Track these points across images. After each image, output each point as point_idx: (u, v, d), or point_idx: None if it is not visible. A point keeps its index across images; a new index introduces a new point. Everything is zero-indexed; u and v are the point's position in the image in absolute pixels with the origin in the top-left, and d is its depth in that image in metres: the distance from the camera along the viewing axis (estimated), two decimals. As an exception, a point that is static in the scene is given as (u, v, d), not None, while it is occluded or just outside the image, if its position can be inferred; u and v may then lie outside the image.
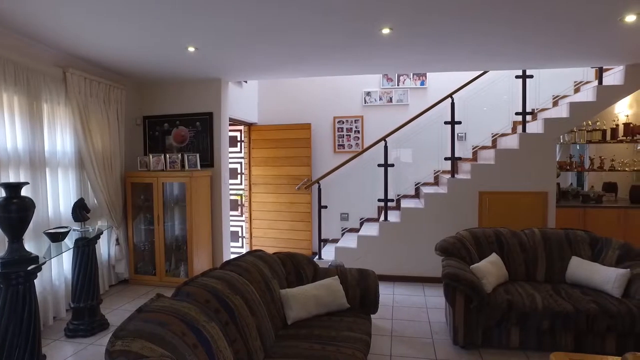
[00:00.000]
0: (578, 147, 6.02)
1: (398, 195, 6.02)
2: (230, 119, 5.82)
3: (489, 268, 3.53)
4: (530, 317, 3.20)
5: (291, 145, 6.58)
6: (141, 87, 5.47)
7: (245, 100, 6.36)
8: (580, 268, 3.61)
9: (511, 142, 5.21)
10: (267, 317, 2.56)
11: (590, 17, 3.19)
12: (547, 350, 3.16)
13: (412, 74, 6.28)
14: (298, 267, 3.23)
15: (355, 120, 6.49)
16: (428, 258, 4.75)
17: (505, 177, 4.92)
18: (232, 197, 6.93)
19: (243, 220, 7.06)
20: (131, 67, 4.64)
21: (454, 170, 5.23)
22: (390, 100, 6.37)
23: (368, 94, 6.43)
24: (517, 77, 5.16)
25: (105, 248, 4.83)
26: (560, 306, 3.19)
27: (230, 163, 6.57)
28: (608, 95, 4.83)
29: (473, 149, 5.98)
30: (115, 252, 4.86)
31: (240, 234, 7.11)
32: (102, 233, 4.03)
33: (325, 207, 5.54)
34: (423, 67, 4.99)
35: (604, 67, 5.03)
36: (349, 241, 5.52)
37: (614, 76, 4.94)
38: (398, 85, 6.35)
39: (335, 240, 6.03)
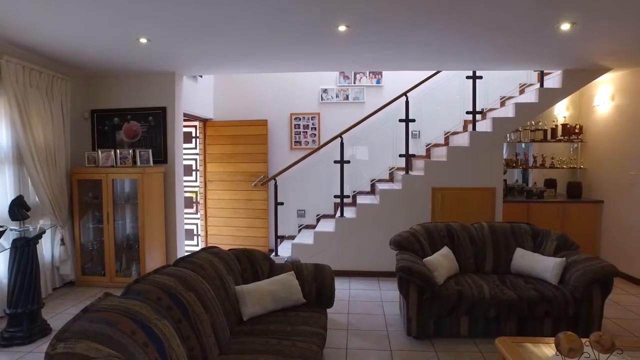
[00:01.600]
0: (523, 146, 6.36)
1: (354, 192, 6.11)
2: (185, 115, 5.67)
3: (441, 261, 3.66)
4: (479, 306, 3.36)
5: (247, 141, 6.51)
6: (89, 79, 5.21)
7: (200, 95, 6.22)
8: (524, 258, 3.83)
9: (462, 140, 5.43)
10: (222, 313, 2.53)
11: (531, 24, 3.38)
12: (493, 337, 3.28)
13: (368, 72, 6.39)
14: (254, 263, 3.21)
15: (312, 117, 6.51)
16: (383, 253, 4.85)
17: (456, 173, 5.12)
18: (187, 195, 6.75)
19: (198, 218, 6.91)
20: (77, 58, 4.40)
21: (408, 167, 5.37)
22: (347, 97, 6.44)
23: (325, 91, 6.48)
24: (467, 77, 5.38)
25: (48, 248, 4.56)
26: (505, 295, 3.37)
27: (185, 159, 6.40)
28: (548, 97, 5.13)
29: (427, 146, 6.17)
30: (59, 253, 4.60)
31: (195, 232, 6.95)
32: (44, 232, 3.81)
33: (282, 203, 5.53)
34: (379, 65, 5.10)
35: (545, 71, 5.34)
36: (306, 237, 5.54)
37: (554, 80, 5.26)
38: (354, 83, 6.43)
39: (292, 237, 6.03)
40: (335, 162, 5.42)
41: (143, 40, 3.73)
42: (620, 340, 2.40)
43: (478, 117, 5.56)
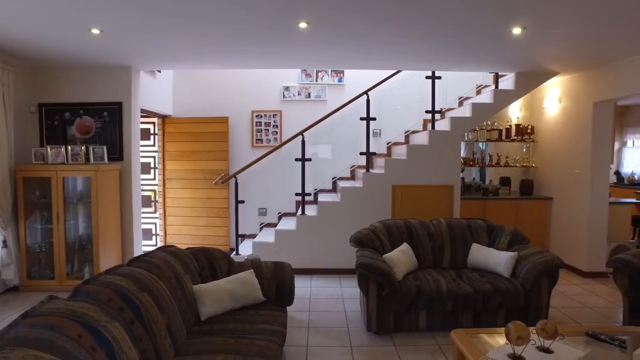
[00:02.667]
0: (482, 145, 6.58)
1: (315, 190, 6.12)
2: (143, 111, 5.49)
3: (400, 257, 3.72)
4: (437, 301, 3.44)
5: (208, 139, 6.37)
6: (37, 70, 4.92)
7: (158, 91, 6.03)
8: (479, 253, 3.96)
9: (422, 138, 5.55)
10: (179, 313, 2.46)
11: (485, 27, 3.49)
12: (450, 330, 3.35)
13: (330, 71, 6.41)
14: (212, 262, 3.14)
15: (273, 115, 6.46)
16: (344, 250, 4.89)
17: (416, 171, 5.23)
18: (145, 193, 6.54)
19: (157, 217, 6.70)
20: (21, 47, 4.12)
21: (369, 165, 5.44)
22: (309, 95, 6.44)
23: (287, 88, 6.44)
24: (427, 77, 5.50)
25: (-10, 251, 4.29)
26: (462, 289, 3.47)
27: (143, 157, 6.18)
28: (503, 98, 5.34)
29: (387, 144, 6.26)
30: (1, 256, 4.33)
31: (154, 232, 6.74)
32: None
33: (243, 202, 5.46)
34: (340, 63, 5.12)
35: (500, 73, 5.55)
36: (267, 236, 5.49)
37: (508, 81, 5.48)
38: (317, 81, 6.44)
39: (253, 236, 5.97)
40: (297, 160, 5.41)
41: (95, 31, 3.57)
42: (563, 327, 2.54)
43: (437, 116, 5.70)
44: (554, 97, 5.82)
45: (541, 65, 4.89)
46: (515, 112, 6.53)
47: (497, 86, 5.50)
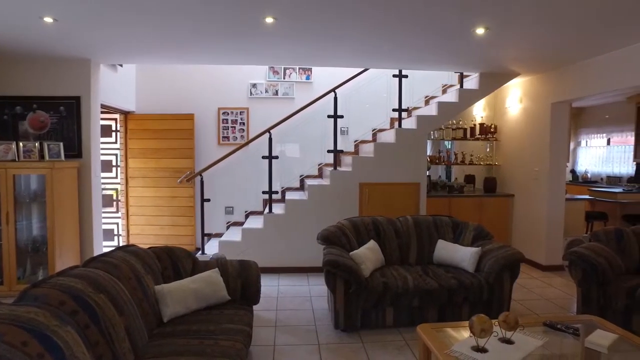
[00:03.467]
0: (449, 144, 6.70)
1: (283, 188, 6.07)
2: (103, 106, 5.27)
3: (367, 254, 3.73)
4: (403, 297, 3.47)
5: (173, 136, 6.20)
6: (-17, 62, 4.64)
7: (120, 85, 5.80)
8: (445, 249, 4.03)
9: (389, 136, 5.60)
10: (139, 315, 2.36)
11: (449, 27, 3.55)
12: (416, 325, 3.42)
13: (298, 68, 6.37)
14: (175, 261, 3.04)
15: (240, 112, 6.36)
16: (312, 248, 4.85)
17: (383, 169, 5.27)
18: (107, 192, 6.30)
19: (119, 217, 6.46)
20: (-31, 37, 3.89)
21: (336, 163, 5.43)
22: (277, 93, 6.38)
23: (254, 85, 6.35)
24: (394, 76, 5.55)
25: None
26: (428, 284, 3.51)
27: (104, 154, 5.96)
28: (467, 98, 5.46)
29: (355, 142, 6.29)
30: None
31: (116, 232, 6.50)
32: None
33: (208, 200, 5.34)
34: (308, 61, 5.09)
35: (464, 73, 5.67)
36: (234, 235, 5.40)
37: (472, 81, 5.61)
38: (284, 78, 6.38)
39: (220, 235, 5.86)
40: (264, 157, 5.34)
41: (48, 20, 3.37)
42: (523, 319, 2.61)
43: (404, 114, 5.76)
44: (515, 98, 6.00)
45: (503, 67, 5.04)
46: (479, 112, 6.70)
47: (462, 86, 5.62)
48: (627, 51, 4.13)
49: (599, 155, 8.57)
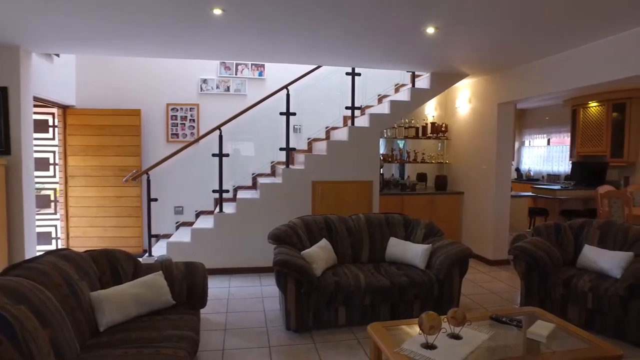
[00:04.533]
0: (403, 143, 6.79)
1: (235, 186, 5.91)
2: (38, 99, 4.89)
3: (319, 253, 3.68)
4: (355, 295, 3.45)
5: (118, 132, 5.87)
6: None
7: (58, 77, 5.40)
8: (397, 247, 4.06)
9: (342, 134, 5.58)
10: (70, 326, 2.17)
11: (401, 25, 3.56)
12: (368, 323, 3.42)
13: (250, 64, 6.22)
14: (115, 265, 2.85)
15: (190, 109, 6.12)
16: (264, 248, 4.74)
17: (336, 167, 5.25)
18: (44, 192, 5.86)
19: (58, 219, 6.03)
20: None
21: (289, 161, 5.35)
22: (228, 89, 6.20)
23: (205, 81, 6.14)
24: (347, 74, 5.53)
25: None
26: (379, 282, 3.51)
27: (39, 152, 5.55)
28: (419, 97, 5.55)
29: (308, 140, 6.23)
30: None
31: (54, 235, 6.06)
32: None
33: (156, 199, 5.09)
34: (258, 56, 4.95)
35: (416, 73, 5.76)
36: (183, 235, 5.18)
37: (423, 81, 5.71)
38: (236, 74, 6.21)
39: (169, 236, 5.61)
40: (214, 155, 5.15)
41: (-33, 2, 3.06)
42: (471, 314, 2.66)
43: (357, 113, 5.76)
44: (465, 98, 6.18)
45: (453, 67, 5.15)
46: (430, 111, 6.84)
47: (414, 85, 5.70)
48: (564, 56, 4.34)
49: (540, 154, 9.03)
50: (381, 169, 6.09)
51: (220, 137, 5.12)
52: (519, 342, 2.52)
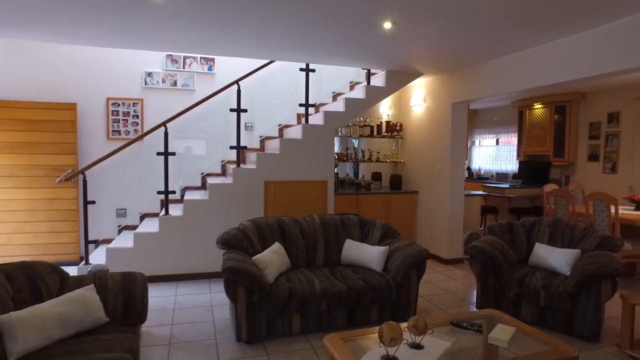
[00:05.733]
0: (358, 141, 6.70)
1: (182, 187, 5.56)
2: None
3: (272, 258, 3.47)
4: (310, 302, 3.27)
5: (50, 128, 5.33)
6: None
7: (-25, 66, 4.82)
8: (352, 249, 3.92)
9: (295, 132, 5.39)
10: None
11: (358, 19, 3.42)
12: (325, 330, 3.28)
13: (199, 58, 5.87)
14: (34, 280, 2.49)
15: (133, 104, 5.68)
16: (214, 252, 4.48)
17: (289, 166, 5.04)
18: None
19: (-21, 225, 5.41)
20: None
21: (240, 160, 5.08)
22: (175, 84, 5.81)
23: (149, 74, 5.72)
24: (301, 69, 5.34)
25: None
26: (335, 287, 3.35)
27: (-46, 149, 4.94)
28: (374, 95, 5.45)
29: (260, 138, 5.98)
30: None
31: (-26, 243, 5.43)
32: None
33: (93, 202, 4.65)
34: (208, 48, 4.63)
35: (372, 71, 5.67)
36: (125, 240, 4.78)
37: (379, 78, 5.63)
38: (184, 68, 5.84)
39: (109, 241, 5.17)
40: (159, 154, 4.79)
41: None
42: (431, 319, 2.56)
43: (311, 110, 5.60)
44: (420, 97, 6.17)
45: (409, 65, 5.10)
46: (385, 110, 6.80)
47: (369, 83, 5.60)
48: (517, 57, 4.40)
49: (490, 154, 9.30)
50: (336, 168, 5.96)
51: (166, 134, 4.76)
52: (480, 348, 2.45)
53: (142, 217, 5.54)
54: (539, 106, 7.56)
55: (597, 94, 6.91)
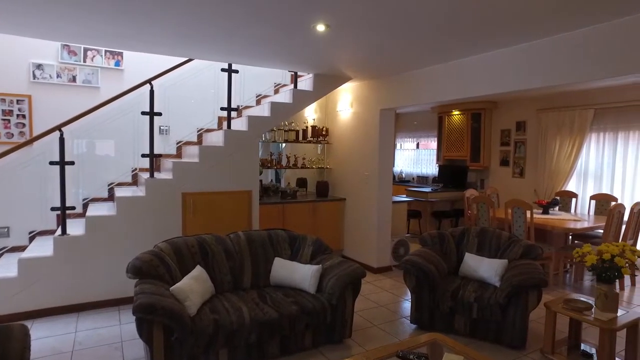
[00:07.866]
0: (282, 146, 6.39)
1: (85, 200, 4.83)
2: None
3: (193, 285, 3.04)
4: (238, 334, 2.91)
5: None
6: None
7: None
8: (282, 268, 3.62)
9: (217, 138, 4.94)
10: None
11: (288, 21, 3.12)
12: (254, 366, 2.95)
13: (104, 51, 5.15)
14: None
15: (18, 101, 4.79)
16: (124, 275, 3.89)
17: (210, 176, 4.59)
18: None
19: None
20: None
21: (153, 169, 4.50)
22: (74, 79, 5.03)
23: (39, 67, 4.88)
24: (223, 70, 4.89)
25: None
26: (266, 315, 3.03)
27: None
28: (301, 99, 5.19)
29: (177, 144, 5.43)
30: None
31: None
32: None
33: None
34: (115, 42, 4.01)
35: (299, 74, 5.39)
36: (7, 268, 3.97)
37: (306, 82, 5.37)
38: (85, 61, 5.08)
39: (-12, 268, 4.30)
40: (52, 163, 4.05)
41: None
42: (374, 351, 2.34)
43: (233, 114, 5.18)
44: (347, 102, 6.04)
45: (338, 69, 4.91)
46: (311, 114, 6.58)
47: (295, 86, 5.32)
48: (444, 67, 4.42)
49: (411, 157, 9.54)
50: (260, 175, 5.60)
51: (62, 139, 4.04)
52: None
53: (32, 237, 4.69)
54: (457, 113, 7.87)
55: (507, 103, 7.35)
